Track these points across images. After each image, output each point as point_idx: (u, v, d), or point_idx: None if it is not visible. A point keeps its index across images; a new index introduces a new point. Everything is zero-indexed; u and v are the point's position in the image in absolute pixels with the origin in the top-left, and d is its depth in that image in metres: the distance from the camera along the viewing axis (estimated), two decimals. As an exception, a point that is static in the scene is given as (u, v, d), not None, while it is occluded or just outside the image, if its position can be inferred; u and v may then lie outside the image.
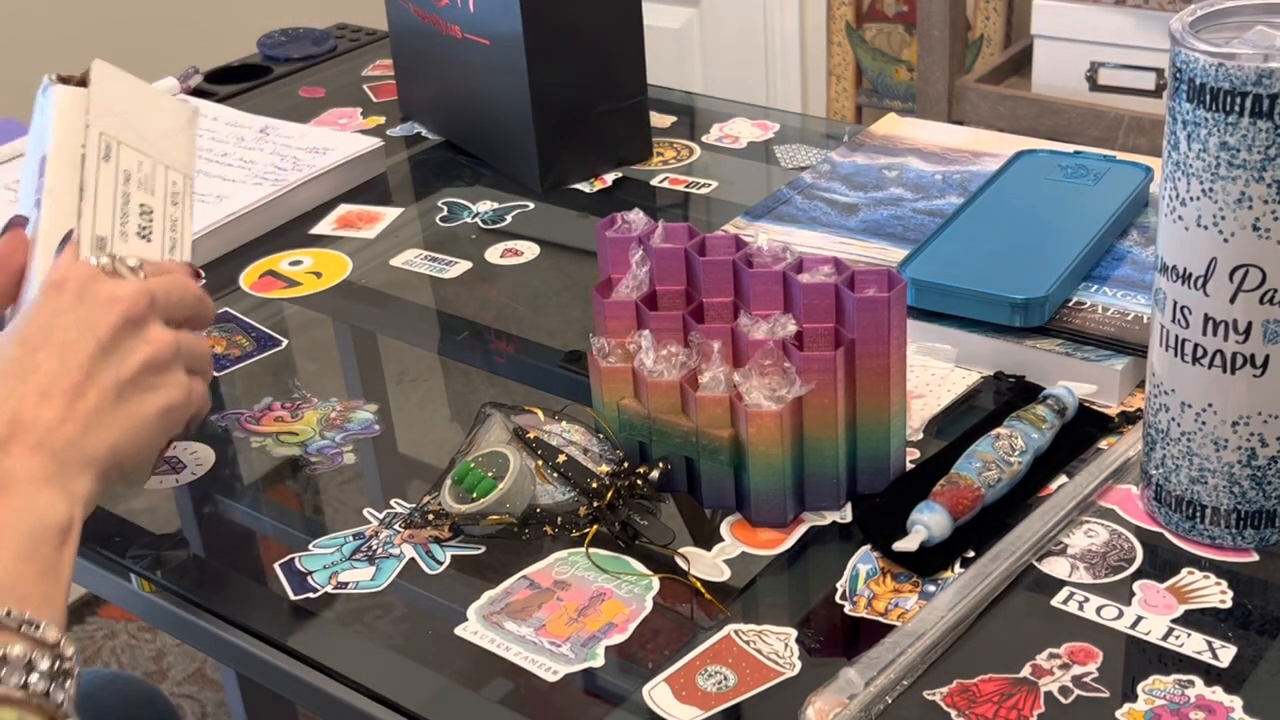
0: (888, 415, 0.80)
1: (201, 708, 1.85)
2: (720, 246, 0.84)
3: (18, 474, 0.64)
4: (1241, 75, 0.66)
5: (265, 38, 1.57)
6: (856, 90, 2.56)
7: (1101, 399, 0.88)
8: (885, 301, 0.77)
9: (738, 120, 1.33)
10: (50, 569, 0.62)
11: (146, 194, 0.83)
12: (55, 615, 0.62)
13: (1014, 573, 0.75)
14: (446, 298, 1.09)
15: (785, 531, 0.80)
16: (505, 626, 0.75)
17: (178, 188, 0.86)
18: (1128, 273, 0.96)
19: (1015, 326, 0.90)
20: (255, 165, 1.23)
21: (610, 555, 0.79)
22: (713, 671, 0.71)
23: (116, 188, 0.82)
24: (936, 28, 2.00)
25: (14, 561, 0.61)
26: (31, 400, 0.66)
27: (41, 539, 0.63)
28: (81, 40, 2.31)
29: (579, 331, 1.02)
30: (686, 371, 0.80)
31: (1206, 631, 0.71)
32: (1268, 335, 0.70)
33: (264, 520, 0.87)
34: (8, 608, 0.59)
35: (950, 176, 1.12)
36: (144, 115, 0.85)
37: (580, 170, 1.23)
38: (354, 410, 0.95)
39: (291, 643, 0.76)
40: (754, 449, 0.77)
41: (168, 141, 0.86)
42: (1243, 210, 0.68)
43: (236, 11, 2.45)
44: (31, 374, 0.67)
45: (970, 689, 0.69)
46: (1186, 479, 0.75)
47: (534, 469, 0.83)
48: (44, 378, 0.67)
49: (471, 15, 1.20)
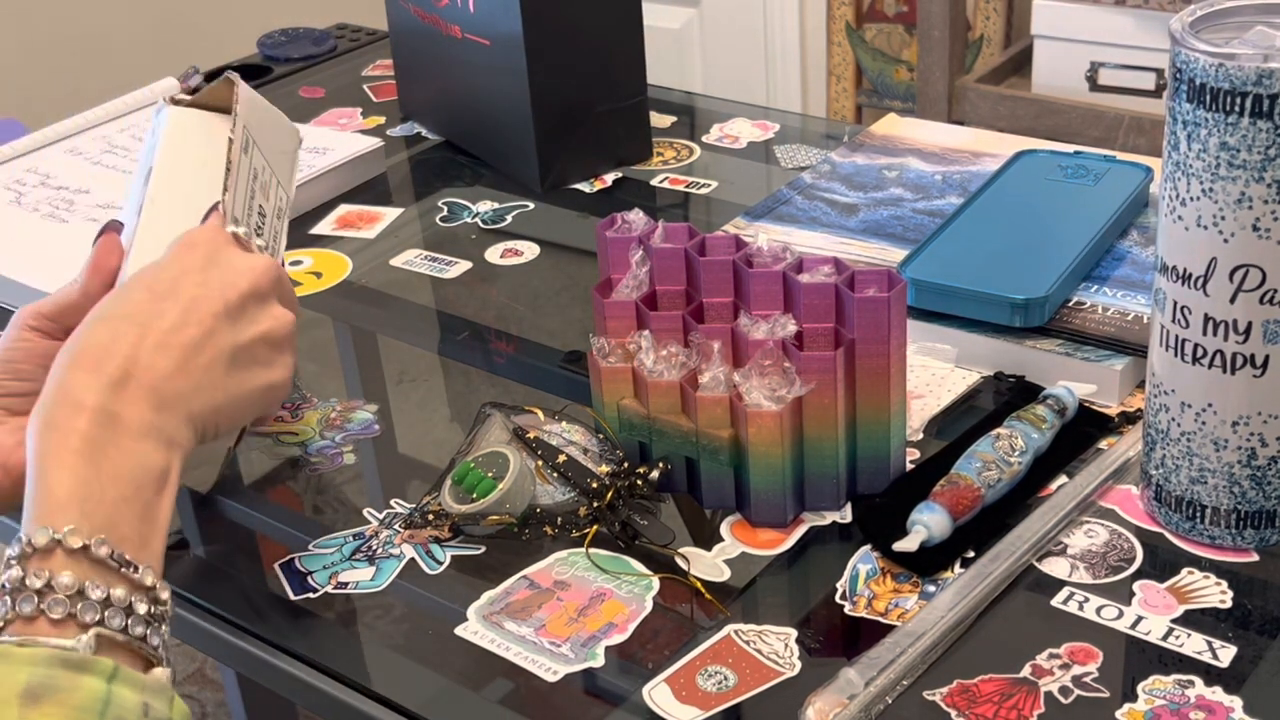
0: (888, 415, 0.80)
1: (201, 708, 1.85)
2: (720, 246, 0.84)
3: (126, 418, 0.64)
4: (1241, 75, 0.66)
5: (265, 38, 1.57)
6: (856, 90, 2.56)
7: (1101, 399, 0.88)
8: (885, 301, 0.77)
9: (738, 120, 1.33)
10: (149, 513, 0.63)
11: (264, 199, 0.85)
12: (153, 560, 0.62)
13: (1014, 573, 0.75)
14: (446, 298, 1.09)
15: (785, 531, 0.80)
16: (505, 626, 0.75)
17: (282, 204, 0.87)
18: (1128, 273, 0.96)
19: (1015, 326, 0.90)
20: (255, 165, 1.23)
21: (610, 555, 0.79)
22: (713, 671, 0.71)
23: (249, 181, 0.83)
24: (936, 28, 2.00)
25: (116, 503, 0.62)
26: (149, 347, 0.66)
27: (143, 483, 0.63)
28: (82, 40, 2.31)
29: (579, 331, 1.02)
30: (686, 371, 0.80)
31: (1206, 631, 0.71)
32: (1268, 335, 0.70)
33: (264, 520, 0.87)
34: (112, 548, 0.60)
35: (950, 176, 1.12)
36: (268, 127, 0.87)
37: (580, 170, 1.23)
38: (354, 410, 0.95)
39: (291, 643, 0.76)
40: (754, 449, 0.77)
41: (281, 159, 0.88)
42: (1243, 210, 0.68)
43: (236, 11, 2.45)
44: (155, 321, 0.67)
45: (970, 689, 0.69)
46: (1186, 479, 0.75)
47: (534, 469, 0.83)
48: (165, 327, 0.67)
49: (471, 15, 1.20)
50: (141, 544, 0.62)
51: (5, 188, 1.23)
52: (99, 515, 0.61)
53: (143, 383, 0.65)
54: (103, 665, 0.57)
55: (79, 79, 2.18)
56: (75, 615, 0.58)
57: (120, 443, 0.63)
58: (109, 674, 0.57)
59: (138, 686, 0.57)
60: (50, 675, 0.55)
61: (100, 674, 0.56)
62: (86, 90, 1.58)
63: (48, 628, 0.57)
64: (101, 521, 0.60)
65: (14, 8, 2.24)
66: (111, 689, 0.56)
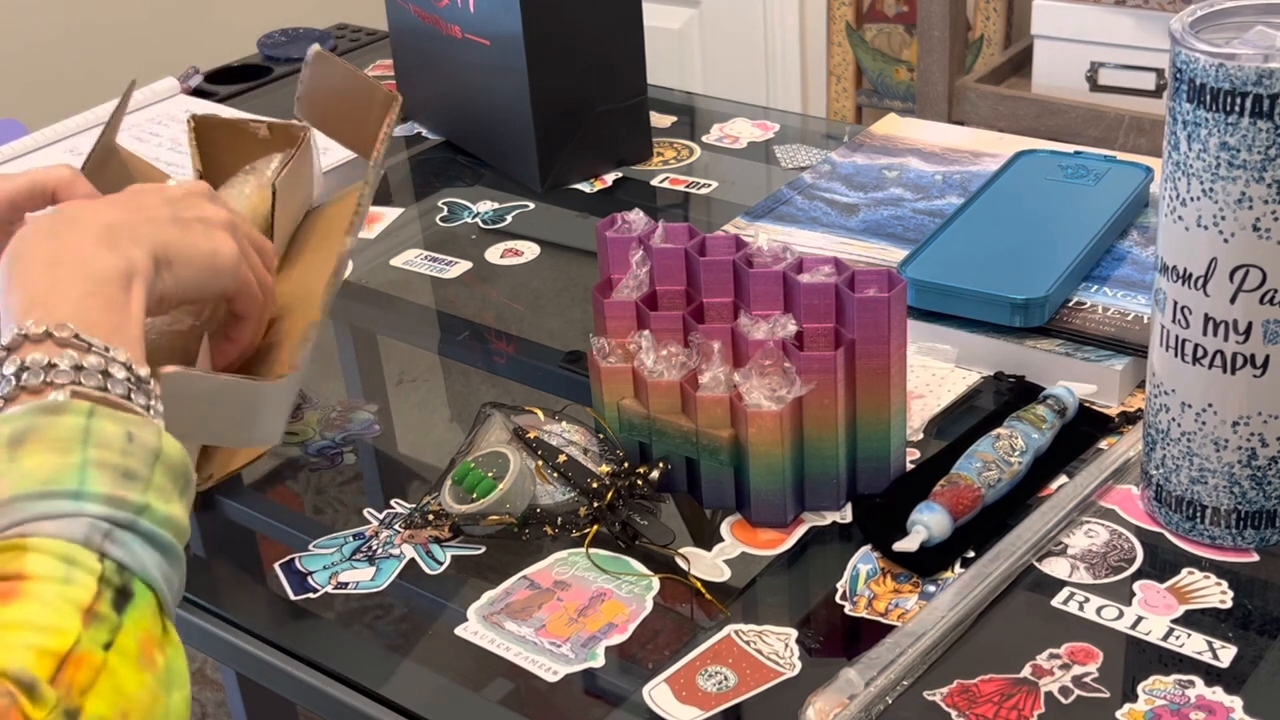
0: (888, 415, 0.80)
1: (201, 708, 1.85)
2: (720, 246, 0.84)
3: (79, 236, 0.67)
4: (1242, 75, 0.66)
5: (265, 38, 1.57)
6: (856, 90, 2.56)
7: (1101, 399, 0.88)
8: (885, 302, 0.77)
9: (738, 120, 1.33)
10: (116, 306, 0.65)
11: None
12: (128, 344, 0.64)
13: (1014, 573, 0.75)
14: (446, 298, 1.09)
15: (785, 532, 0.80)
16: (505, 626, 0.75)
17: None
18: (1128, 273, 0.96)
19: (1015, 326, 0.90)
20: (255, 165, 1.23)
21: (610, 555, 0.79)
22: (713, 672, 0.71)
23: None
24: (936, 28, 2.00)
25: (80, 298, 0.64)
26: (102, 207, 0.71)
27: (105, 279, 0.65)
28: (82, 40, 2.31)
29: (579, 331, 1.02)
30: (687, 372, 0.80)
31: (1207, 632, 0.71)
32: (1268, 335, 0.70)
33: (264, 520, 0.87)
34: (75, 331, 0.61)
35: (950, 177, 1.12)
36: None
37: (580, 170, 1.23)
38: (354, 410, 0.95)
39: (291, 643, 0.76)
40: (754, 449, 0.77)
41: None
42: (1243, 210, 0.68)
43: (236, 11, 2.45)
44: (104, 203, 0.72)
45: (970, 689, 0.69)
46: (1187, 479, 0.75)
47: (534, 469, 0.83)
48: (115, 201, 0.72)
49: (471, 15, 1.20)
50: (112, 330, 0.63)
51: (5, 188, 1.23)
52: (63, 308, 0.63)
53: (92, 224, 0.68)
54: (79, 406, 0.58)
55: (79, 79, 2.18)
56: (51, 383, 0.59)
57: (76, 252, 0.66)
58: (87, 411, 0.58)
59: (119, 419, 0.59)
60: (29, 420, 0.57)
61: (78, 412, 0.58)
62: (86, 90, 1.58)
63: (28, 398, 0.59)
64: (68, 312, 0.62)
65: (14, 7, 2.24)
66: (90, 422, 0.58)
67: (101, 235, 0.68)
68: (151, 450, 0.59)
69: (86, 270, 0.65)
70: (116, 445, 0.58)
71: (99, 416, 0.58)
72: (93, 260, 0.66)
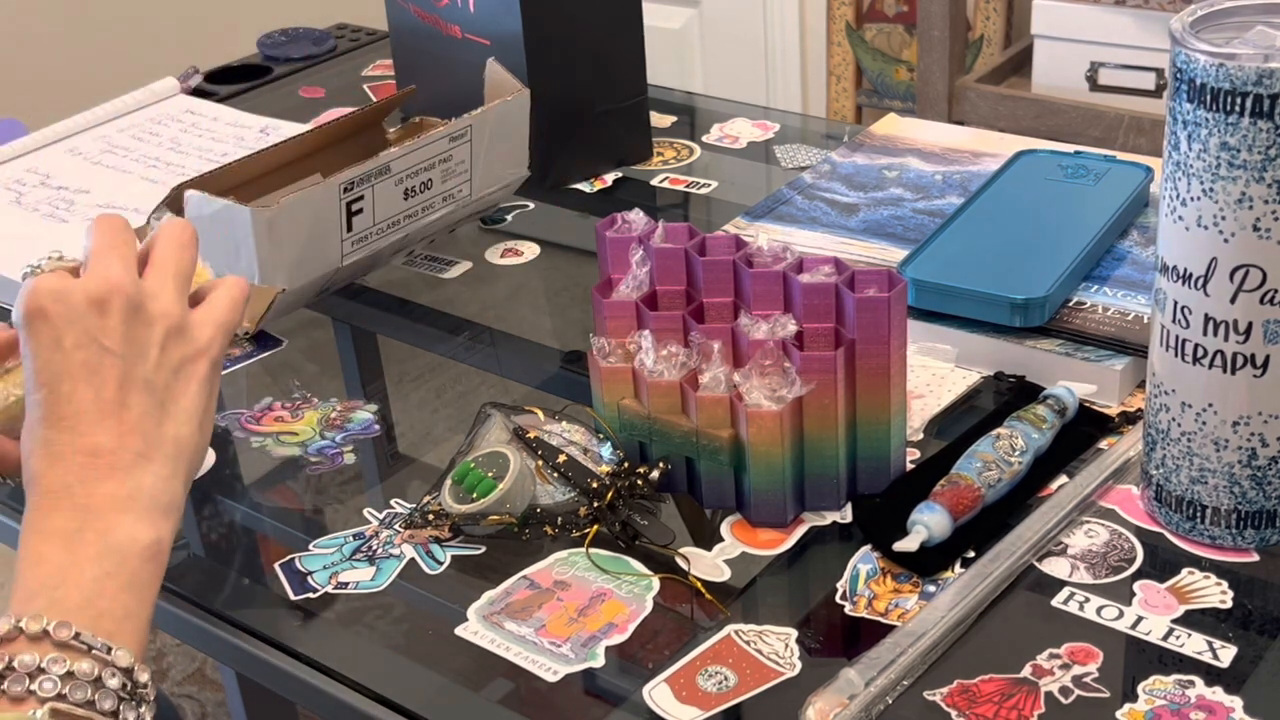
0: (888, 415, 0.80)
1: (201, 708, 1.85)
2: (720, 246, 0.84)
3: (99, 499, 0.63)
4: (1242, 75, 0.66)
5: (265, 38, 1.56)
6: (856, 90, 2.56)
7: (1101, 399, 0.88)
8: (885, 301, 0.77)
9: (738, 120, 1.33)
10: (135, 583, 0.62)
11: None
12: (136, 633, 0.61)
13: (1014, 573, 0.75)
14: (446, 298, 1.08)
15: (785, 532, 0.80)
16: (505, 626, 0.75)
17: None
18: (1128, 273, 0.96)
19: (1015, 326, 0.90)
20: (255, 165, 1.23)
21: (610, 555, 0.79)
22: (713, 672, 0.71)
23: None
24: (936, 28, 2.00)
25: (97, 579, 0.61)
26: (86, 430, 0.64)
27: (128, 556, 0.62)
28: (82, 40, 2.32)
29: (579, 331, 1.02)
30: (687, 371, 0.80)
31: (1207, 632, 0.71)
32: (1268, 335, 0.70)
33: (264, 520, 0.87)
34: (76, 630, 0.59)
35: (950, 176, 1.12)
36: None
37: (580, 170, 1.23)
38: (354, 410, 0.95)
39: (291, 643, 0.76)
40: (754, 449, 0.77)
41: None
42: (1243, 210, 0.68)
43: (236, 11, 2.45)
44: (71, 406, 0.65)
45: (970, 689, 0.69)
46: (1187, 479, 0.75)
47: (534, 469, 0.83)
48: (87, 404, 0.65)
49: (471, 15, 1.20)
50: (124, 615, 0.61)
51: (5, 188, 1.23)
52: (73, 599, 0.60)
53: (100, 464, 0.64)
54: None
55: (79, 79, 2.18)
56: (35, 692, 0.57)
57: (96, 526, 0.62)
58: None
59: None
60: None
61: None
62: (86, 90, 1.58)
63: (7, 705, 0.57)
64: (77, 602, 0.60)
65: (14, 7, 2.24)
66: None
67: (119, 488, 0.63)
68: None
69: (107, 542, 0.62)
70: None
71: None
72: (116, 529, 0.62)
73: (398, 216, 1.03)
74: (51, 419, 0.64)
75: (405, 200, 1.03)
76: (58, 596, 0.60)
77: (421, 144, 1.02)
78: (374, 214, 1.01)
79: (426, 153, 1.03)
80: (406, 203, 1.04)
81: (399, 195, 1.02)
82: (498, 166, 1.10)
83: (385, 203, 1.02)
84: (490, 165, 1.09)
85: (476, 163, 1.07)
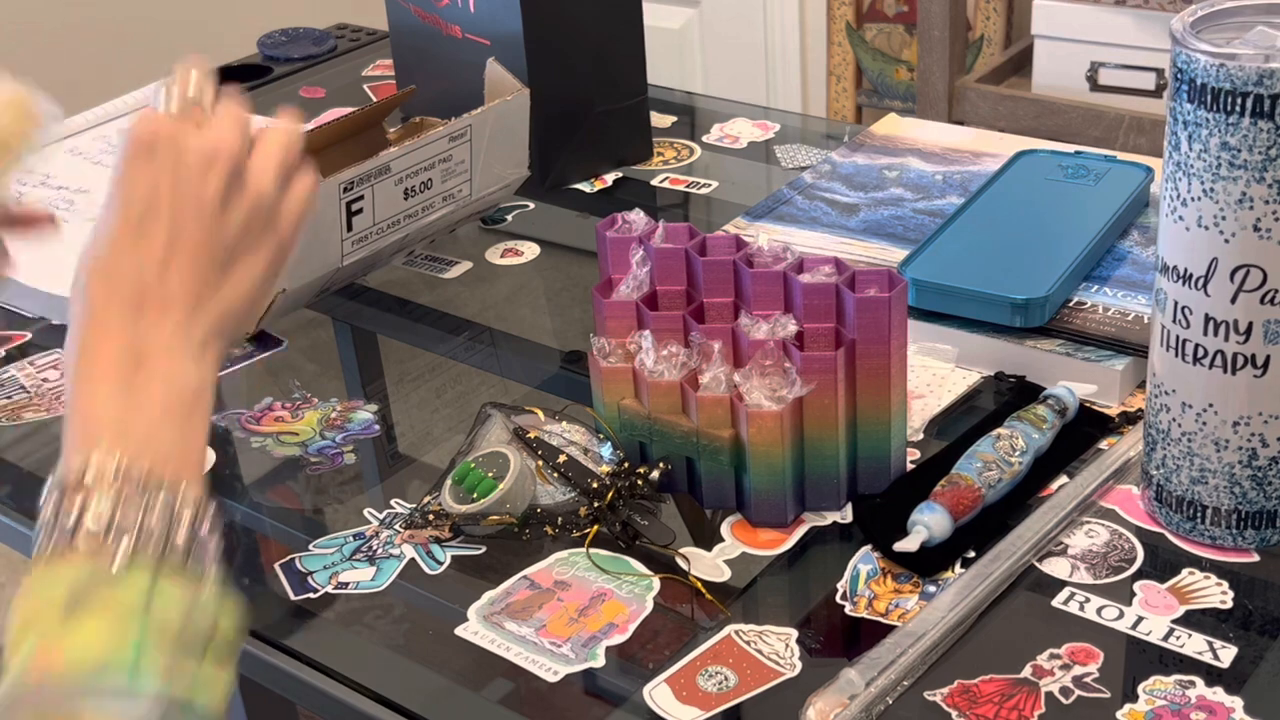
0: (888, 415, 0.80)
1: (201, 708, 1.85)
2: (720, 246, 0.84)
3: (152, 342, 0.64)
4: (1242, 75, 0.66)
5: (265, 38, 1.56)
6: (856, 90, 2.56)
7: (1102, 399, 0.88)
8: (885, 301, 0.77)
9: (738, 120, 1.33)
10: (187, 429, 0.63)
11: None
12: (194, 472, 0.63)
13: (1014, 573, 0.75)
14: (446, 298, 1.08)
15: (786, 532, 0.80)
16: (505, 626, 0.75)
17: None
18: (1128, 273, 0.96)
19: (1015, 326, 0.90)
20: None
21: (610, 555, 0.79)
22: (713, 672, 0.71)
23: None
24: (936, 28, 2.00)
25: (154, 422, 0.62)
26: (154, 269, 0.66)
27: (178, 400, 0.64)
28: (82, 40, 2.31)
29: (579, 331, 1.02)
30: (687, 371, 0.80)
31: (1207, 632, 0.71)
32: (1268, 335, 0.70)
33: (264, 520, 0.87)
34: (149, 465, 0.60)
35: (950, 176, 1.12)
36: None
37: (580, 170, 1.23)
38: (354, 410, 0.95)
39: (291, 643, 0.76)
40: (754, 449, 0.77)
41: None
42: (1244, 210, 0.68)
43: (236, 11, 2.45)
44: (145, 243, 0.66)
45: (971, 689, 0.69)
46: (1187, 479, 0.75)
47: (534, 469, 0.83)
48: (158, 247, 0.66)
49: (471, 15, 1.20)
50: (183, 459, 0.62)
51: (5, 188, 1.23)
52: (135, 436, 0.61)
53: (157, 305, 0.65)
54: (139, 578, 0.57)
55: (79, 78, 2.18)
56: (110, 543, 0.58)
57: (150, 368, 0.63)
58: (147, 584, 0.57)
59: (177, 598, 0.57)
60: (87, 585, 0.56)
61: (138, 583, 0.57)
62: (87, 90, 1.58)
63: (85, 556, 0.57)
64: (139, 441, 0.61)
65: (15, 7, 2.24)
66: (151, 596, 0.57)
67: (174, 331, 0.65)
68: (209, 623, 0.58)
69: (164, 387, 0.63)
70: (175, 621, 0.57)
71: (159, 591, 0.57)
72: (169, 374, 0.64)
73: (398, 216, 1.03)
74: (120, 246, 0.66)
75: (405, 200, 1.03)
76: (123, 430, 0.61)
77: (421, 144, 1.02)
78: (374, 214, 1.01)
79: (426, 152, 1.03)
80: (406, 202, 1.03)
81: (399, 195, 1.02)
82: (498, 166, 1.10)
83: (385, 202, 1.01)
84: (490, 165, 1.09)
85: (476, 163, 1.07)
